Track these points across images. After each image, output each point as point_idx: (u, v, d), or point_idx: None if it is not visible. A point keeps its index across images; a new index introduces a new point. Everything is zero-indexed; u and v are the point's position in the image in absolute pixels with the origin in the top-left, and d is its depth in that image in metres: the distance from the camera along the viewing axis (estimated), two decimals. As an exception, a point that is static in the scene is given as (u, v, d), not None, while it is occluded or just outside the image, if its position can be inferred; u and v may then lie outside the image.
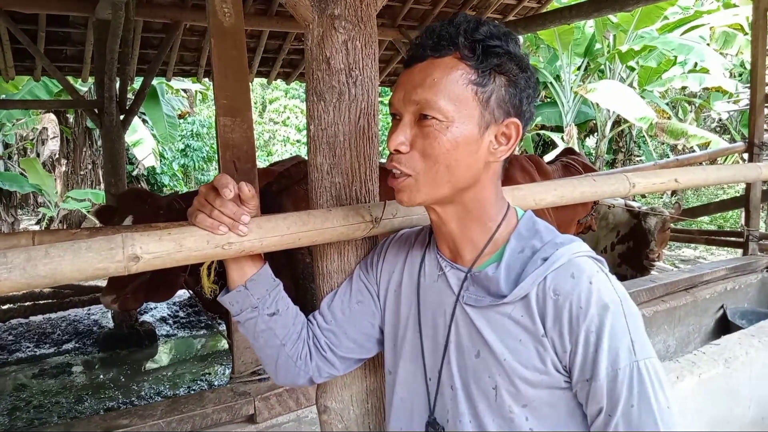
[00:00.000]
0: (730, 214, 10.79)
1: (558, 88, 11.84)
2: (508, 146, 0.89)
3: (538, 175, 3.49)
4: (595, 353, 0.80)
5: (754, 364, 2.35)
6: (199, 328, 6.03)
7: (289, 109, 17.75)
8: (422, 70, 0.86)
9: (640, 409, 0.78)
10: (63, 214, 10.67)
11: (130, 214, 2.56)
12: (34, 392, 4.46)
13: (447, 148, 0.84)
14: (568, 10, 4.80)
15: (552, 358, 0.84)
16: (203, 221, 0.89)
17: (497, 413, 0.88)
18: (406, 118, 0.87)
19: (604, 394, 0.80)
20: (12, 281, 0.79)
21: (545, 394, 0.85)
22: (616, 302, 0.82)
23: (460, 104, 0.84)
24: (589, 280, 0.82)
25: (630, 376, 0.79)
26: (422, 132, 0.85)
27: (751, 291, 4.14)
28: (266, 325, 1.02)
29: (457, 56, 0.84)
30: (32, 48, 4.41)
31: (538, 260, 0.86)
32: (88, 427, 1.83)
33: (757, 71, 4.35)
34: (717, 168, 2.37)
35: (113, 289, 2.54)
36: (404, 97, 0.87)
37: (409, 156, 0.86)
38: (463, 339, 0.92)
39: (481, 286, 0.91)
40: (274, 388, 2.05)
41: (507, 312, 0.87)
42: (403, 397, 1.01)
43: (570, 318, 0.82)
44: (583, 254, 0.87)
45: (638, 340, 0.81)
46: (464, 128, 0.84)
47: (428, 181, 0.87)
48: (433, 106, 0.83)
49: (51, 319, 6.11)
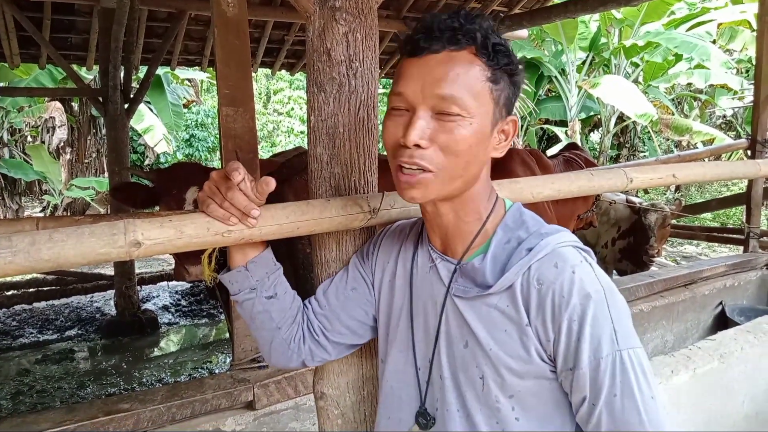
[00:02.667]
0: (733, 211, 10.77)
1: (563, 82, 11.80)
2: (507, 142, 0.91)
3: (538, 168, 3.50)
4: (577, 342, 0.81)
5: (749, 360, 2.37)
6: (201, 317, 6.07)
7: (294, 100, 17.71)
8: (441, 62, 0.83)
9: (623, 398, 0.79)
10: (67, 202, 10.73)
11: (193, 185, 2.42)
12: (37, 377, 4.51)
13: (470, 143, 0.84)
14: (573, 3, 4.77)
15: (536, 347, 0.85)
16: (215, 211, 0.91)
17: (484, 403, 0.89)
18: (423, 112, 0.84)
19: (587, 383, 0.81)
20: (16, 264, 0.81)
21: (531, 384, 0.87)
22: (599, 291, 0.83)
23: (479, 100, 0.84)
24: (572, 270, 0.84)
25: (612, 365, 0.80)
26: (443, 127, 0.83)
27: (750, 288, 4.15)
28: (263, 307, 1.04)
29: (472, 51, 0.84)
30: (37, 36, 4.42)
31: (523, 251, 0.88)
32: (89, 411, 1.85)
33: (762, 68, 4.33)
34: (715, 164, 2.38)
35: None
36: (423, 90, 0.83)
37: (429, 151, 0.84)
38: (453, 330, 0.94)
39: (469, 278, 0.92)
40: (273, 376, 2.07)
41: (493, 303, 0.88)
42: (393, 385, 1.03)
43: (553, 307, 0.83)
44: (567, 244, 0.88)
45: (621, 330, 0.82)
46: (482, 124, 0.85)
47: (446, 176, 0.86)
48: (458, 102, 0.82)
49: (54, 305, 6.16)
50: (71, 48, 5.07)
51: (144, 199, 2.52)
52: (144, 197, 2.53)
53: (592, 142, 14.21)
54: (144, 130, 10.08)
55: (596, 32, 11.46)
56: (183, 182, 2.44)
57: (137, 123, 9.70)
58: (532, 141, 13.37)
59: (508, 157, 3.13)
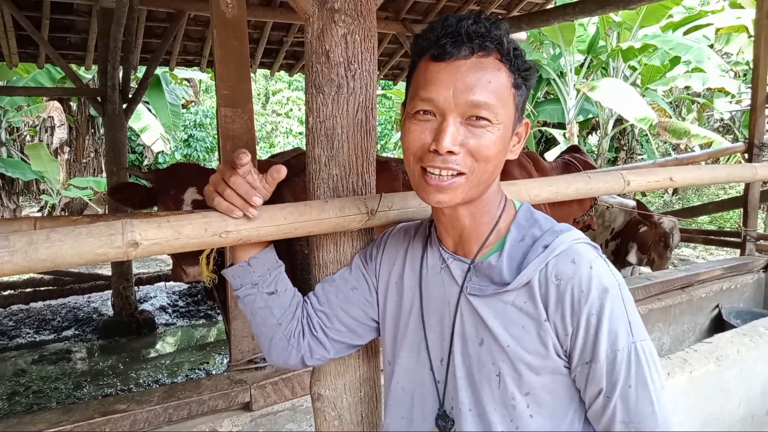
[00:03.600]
0: (730, 214, 10.80)
1: (561, 84, 11.81)
2: (520, 145, 0.94)
3: (534, 171, 3.51)
4: (595, 335, 0.83)
5: (744, 363, 2.38)
6: (198, 318, 6.06)
7: (292, 100, 17.72)
8: (471, 69, 0.84)
9: (638, 389, 0.82)
10: (65, 201, 10.71)
11: (192, 186, 2.42)
12: (34, 378, 4.50)
13: (499, 148, 0.87)
14: (572, 7, 4.79)
15: (554, 342, 0.87)
16: (219, 204, 0.93)
17: (499, 401, 0.90)
18: (454, 119, 0.84)
19: (604, 376, 0.83)
20: (14, 264, 0.81)
21: (547, 380, 0.88)
22: (615, 286, 0.85)
23: (506, 107, 0.87)
24: (589, 265, 0.86)
25: (628, 357, 0.82)
26: (473, 132, 0.85)
27: (746, 291, 4.16)
28: (264, 303, 1.05)
29: (497, 57, 0.86)
30: (36, 35, 4.42)
31: (539, 248, 0.89)
32: (86, 412, 1.85)
33: (759, 72, 4.34)
34: (713, 168, 2.38)
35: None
36: (454, 97, 0.84)
37: (460, 156, 0.85)
38: (467, 328, 0.94)
39: (485, 276, 0.93)
40: (270, 377, 2.07)
41: (510, 299, 0.90)
42: (405, 387, 1.03)
43: (572, 301, 0.85)
44: (582, 241, 0.90)
45: (635, 322, 0.85)
46: (507, 129, 0.88)
47: (475, 180, 0.88)
48: (491, 109, 0.84)
49: (51, 305, 6.15)
50: (70, 47, 5.07)
51: (142, 200, 2.52)
52: (142, 197, 2.53)
53: (590, 144, 14.24)
54: (142, 129, 10.08)
55: (594, 35, 11.48)
56: (181, 183, 2.44)
57: (135, 123, 9.70)
58: (531, 143, 13.39)
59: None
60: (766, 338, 2.50)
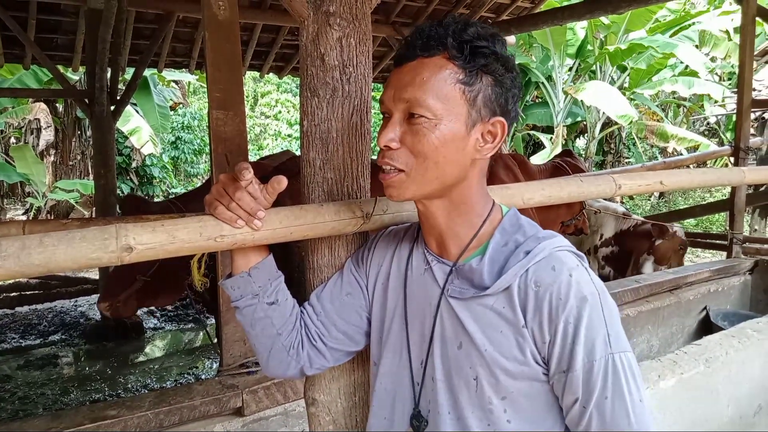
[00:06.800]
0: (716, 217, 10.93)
1: (549, 88, 11.90)
2: (494, 144, 0.92)
3: (521, 173, 3.53)
4: (572, 344, 0.83)
5: (733, 364, 2.40)
6: (186, 322, 6.01)
7: (281, 103, 17.68)
8: (412, 69, 0.88)
9: (614, 401, 0.81)
10: (51, 204, 10.58)
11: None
12: (20, 383, 4.43)
13: (435, 145, 0.87)
14: (561, 11, 4.83)
15: (531, 349, 0.86)
16: (222, 213, 0.92)
17: (477, 405, 0.90)
18: (396, 116, 0.89)
19: (580, 385, 0.83)
20: (6, 269, 0.80)
21: (524, 386, 0.88)
22: (595, 295, 0.85)
23: (448, 103, 0.86)
24: (569, 273, 0.85)
25: (605, 368, 0.82)
26: (411, 129, 0.88)
27: (733, 293, 4.21)
28: (264, 313, 1.03)
29: (445, 56, 0.87)
30: (22, 35, 4.37)
31: (520, 253, 0.89)
32: (75, 418, 1.82)
33: (744, 76, 4.41)
34: (702, 171, 2.41)
35: (108, 297, 2.57)
36: (394, 96, 0.89)
37: (400, 152, 0.89)
38: (447, 331, 0.94)
39: (465, 279, 0.93)
40: (262, 382, 2.05)
41: (489, 304, 0.89)
42: (387, 387, 1.04)
43: (550, 309, 0.84)
44: (564, 248, 0.90)
45: (614, 333, 0.84)
46: (452, 126, 0.87)
47: (418, 176, 0.89)
48: (422, 104, 0.86)
49: (37, 310, 6.06)
50: (57, 48, 5.02)
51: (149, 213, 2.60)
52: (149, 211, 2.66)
53: (578, 147, 14.36)
54: (130, 131, 9.98)
55: (583, 39, 11.59)
56: (126, 215, 2.73)
57: (123, 125, 9.61)
58: (519, 147, 13.47)
59: (492, 162, 3.18)
60: (754, 340, 2.53)
